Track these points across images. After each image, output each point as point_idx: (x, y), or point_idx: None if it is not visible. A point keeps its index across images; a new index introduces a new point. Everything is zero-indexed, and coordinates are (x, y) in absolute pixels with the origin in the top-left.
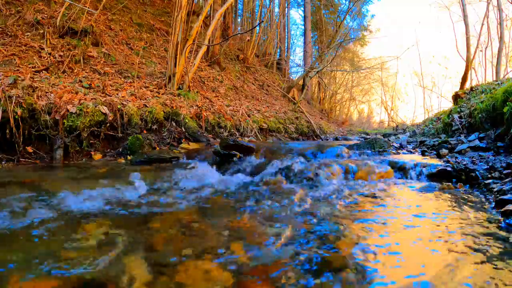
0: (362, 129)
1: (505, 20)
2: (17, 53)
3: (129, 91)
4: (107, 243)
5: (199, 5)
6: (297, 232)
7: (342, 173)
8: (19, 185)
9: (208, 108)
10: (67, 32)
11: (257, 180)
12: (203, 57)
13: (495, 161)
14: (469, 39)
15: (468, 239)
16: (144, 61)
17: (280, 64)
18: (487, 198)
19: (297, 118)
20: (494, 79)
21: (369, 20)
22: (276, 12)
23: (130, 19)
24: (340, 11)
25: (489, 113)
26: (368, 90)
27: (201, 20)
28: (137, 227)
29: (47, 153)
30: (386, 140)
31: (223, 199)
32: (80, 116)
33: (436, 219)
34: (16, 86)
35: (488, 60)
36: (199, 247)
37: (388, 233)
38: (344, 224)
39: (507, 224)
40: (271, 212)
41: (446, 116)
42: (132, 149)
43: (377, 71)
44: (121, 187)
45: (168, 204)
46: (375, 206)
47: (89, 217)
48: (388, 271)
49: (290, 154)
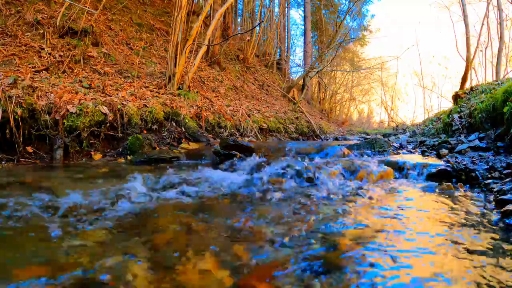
0: (362, 129)
1: (505, 20)
2: (17, 53)
3: (129, 91)
4: (107, 243)
5: (199, 5)
6: (298, 231)
7: (342, 173)
8: (19, 185)
9: (208, 108)
10: (67, 32)
11: (257, 180)
12: (203, 57)
13: (495, 161)
14: (469, 39)
15: (468, 239)
16: (144, 61)
17: (280, 64)
18: (487, 198)
19: (297, 118)
20: (494, 79)
21: (369, 20)
22: (276, 12)
23: (130, 19)
24: (340, 11)
25: (489, 113)
26: (368, 90)
27: (201, 20)
28: (137, 227)
29: (47, 153)
30: (386, 140)
31: (223, 199)
32: (80, 116)
33: (436, 219)
34: (16, 86)
35: (488, 60)
36: (199, 246)
37: (388, 233)
38: (344, 224)
39: (507, 224)
40: (271, 212)
41: (446, 116)
42: (132, 149)
43: (377, 71)
44: (121, 187)
45: (168, 204)
46: (375, 206)
47: (88, 216)
48: (388, 270)
49: (290, 154)
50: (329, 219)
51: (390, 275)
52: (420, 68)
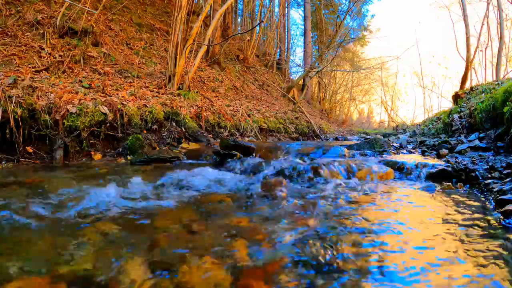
0: (362, 129)
1: (505, 20)
2: (17, 53)
3: (129, 91)
4: (107, 242)
5: (199, 5)
6: (298, 231)
7: (342, 173)
8: (19, 185)
9: (208, 108)
10: (67, 32)
11: (257, 180)
12: (203, 57)
13: (495, 161)
14: (469, 39)
15: (468, 239)
16: (144, 61)
17: (280, 64)
18: (487, 198)
19: (297, 118)
20: (494, 79)
21: (369, 20)
22: (276, 12)
23: (130, 19)
24: (340, 11)
25: (489, 113)
26: (368, 90)
27: (201, 20)
28: (137, 227)
29: (47, 153)
30: (386, 140)
31: (223, 198)
32: (80, 116)
33: (436, 219)
34: (16, 86)
35: (488, 60)
36: (199, 246)
37: (388, 233)
38: (344, 224)
39: (507, 224)
40: (271, 212)
41: (446, 116)
42: (132, 149)
43: (377, 71)
44: (121, 187)
45: (168, 203)
46: (375, 206)
47: (89, 216)
48: (388, 271)
49: (290, 154)
50: (329, 219)
51: (390, 275)
52: (420, 68)
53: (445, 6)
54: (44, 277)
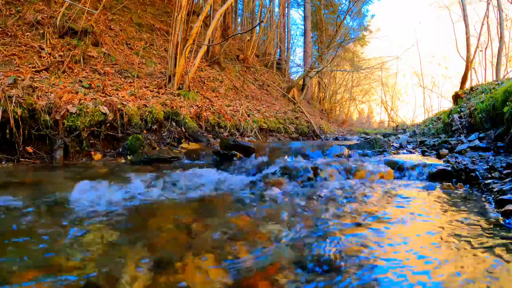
0: (362, 129)
1: (505, 20)
2: (17, 53)
3: (129, 91)
4: (107, 242)
5: (199, 5)
6: (298, 232)
7: (342, 173)
8: (19, 185)
9: (208, 108)
10: (67, 32)
11: (257, 180)
12: (203, 57)
13: (495, 161)
14: (469, 39)
15: (468, 238)
16: (144, 61)
17: (280, 64)
18: (487, 198)
19: (297, 118)
20: (494, 79)
21: (369, 20)
22: (276, 12)
23: (130, 19)
24: (340, 11)
25: (489, 113)
26: (368, 90)
27: (201, 20)
28: (137, 227)
29: (47, 153)
30: (386, 140)
31: (223, 198)
32: (80, 116)
33: (436, 219)
34: (16, 86)
35: (488, 60)
36: (199, 246)
37: (388, 233)
38: (344, 224)
39: (507, 224)
40: (271, 212)
41: (446, 116)
42: (132, 149)
43: (377, 71)
44: (121, 187)
45: (168, 203)
46: (375, 206)
47: (88, 216)
48: (388, 270)
49: (290, 154)
50: (329, 219)
51: (391, 275)
52: (420, 68)
53: (445, 6)
54: (43, 277)
